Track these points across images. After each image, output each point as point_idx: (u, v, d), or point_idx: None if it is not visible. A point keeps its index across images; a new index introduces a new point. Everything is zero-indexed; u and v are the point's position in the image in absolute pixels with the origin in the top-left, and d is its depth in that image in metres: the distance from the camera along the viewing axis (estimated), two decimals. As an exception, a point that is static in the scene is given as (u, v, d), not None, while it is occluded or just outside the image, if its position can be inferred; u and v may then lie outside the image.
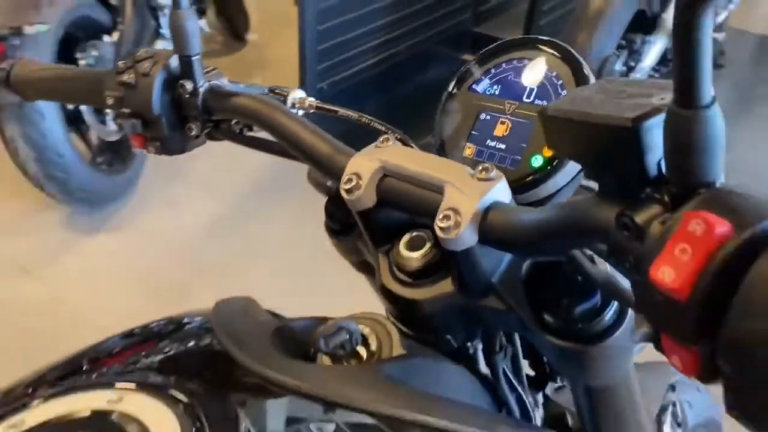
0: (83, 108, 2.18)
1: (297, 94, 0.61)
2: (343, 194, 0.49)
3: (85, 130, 2.28)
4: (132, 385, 0.38)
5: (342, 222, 0.57)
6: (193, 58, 0.58)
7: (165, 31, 2.36)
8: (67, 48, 2.10)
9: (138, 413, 0.35)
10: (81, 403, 0.36)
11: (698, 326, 0.28)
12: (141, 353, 0.47)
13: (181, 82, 0.58)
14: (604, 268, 0.44)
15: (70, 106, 2.14)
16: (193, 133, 0.59)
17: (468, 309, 0.49)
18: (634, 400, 0.51)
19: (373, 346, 0.49)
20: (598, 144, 0.35)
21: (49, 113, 1.98)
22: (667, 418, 0.89)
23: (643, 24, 2.38)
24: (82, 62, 2.13)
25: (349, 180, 0.49)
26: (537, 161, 0.51)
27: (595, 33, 2.18)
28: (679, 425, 0.91)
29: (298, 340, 0.47)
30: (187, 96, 0.58)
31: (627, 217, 0.33)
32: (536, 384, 0.64)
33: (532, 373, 0.64)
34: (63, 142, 2.05)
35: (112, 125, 2.27)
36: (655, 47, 2.44)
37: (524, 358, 0.61)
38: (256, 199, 2.47)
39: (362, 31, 2.48)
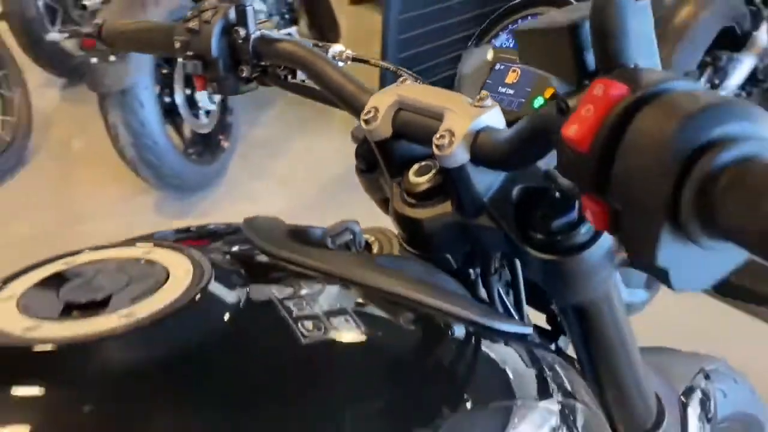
0: (179, 101, 2.37)
1: (337, 48, 0.69)
2: (363, 125, 0.56)
3: (179, 123, 2.48)
4: (165, 244, 0.46)
5: (368, 161, 0.64)
6: (247, 7, 0.67)
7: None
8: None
9: (161, 260, 0.44)
10: (120, 253, 0.45)
11: (598, 175, 0.33)
12: (192, 246, 0.54)
13: (236, 28, 0.67)
14: None
15: (167, 99, 2.33)
16: (245, 75, 0.68)
17: (464, 228, 0.54)
18: (617, 318, 0.55)
19: (375, 251, 0.56)
20: (551, 48, 0.40)
21: (147, 104, 2.17)
22: (694, 402, 0.87)
23: (732, 41, 2.33)
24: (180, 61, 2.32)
25: (368, 112, 0.56)
26: (538, 102, 0.57)
27: (677, 47, 2.15)
28: (709, 420, 0.90)
29: (309, 239, 0.54)
30: (240, 41, 0.68)
31: (562, 101, 0.38)
32: (549, 336, 0.68)
33: (548, 327, 0.69)
34: (159, 132, 2.24)
35: (204, 119, 2.46)
36: (744, 66, 2.36)
37: (536, 308, 0.66)
38: (332, 196, 2.58)
39: (442, 42, 2.56)
